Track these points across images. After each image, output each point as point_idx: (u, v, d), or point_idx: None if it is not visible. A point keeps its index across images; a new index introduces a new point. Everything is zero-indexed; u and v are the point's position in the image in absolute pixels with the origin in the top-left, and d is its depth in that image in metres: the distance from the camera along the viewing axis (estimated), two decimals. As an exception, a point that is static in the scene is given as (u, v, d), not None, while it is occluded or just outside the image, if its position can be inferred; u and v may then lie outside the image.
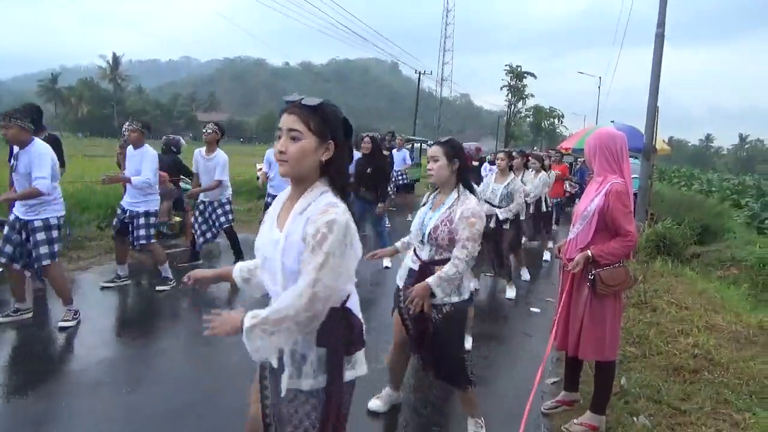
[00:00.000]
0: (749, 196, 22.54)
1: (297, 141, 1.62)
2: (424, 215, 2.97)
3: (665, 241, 8.53)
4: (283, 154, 1.63)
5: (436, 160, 2.91)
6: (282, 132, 1.64)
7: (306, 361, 1.68)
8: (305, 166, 1.65)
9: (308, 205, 1.64)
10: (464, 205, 2.82)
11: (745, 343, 4.66)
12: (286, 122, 1.63)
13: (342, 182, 1.71)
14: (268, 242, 1.70)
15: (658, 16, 9.14)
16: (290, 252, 1.61)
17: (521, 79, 62.05)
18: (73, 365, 3.80)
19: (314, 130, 1.63)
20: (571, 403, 3.45)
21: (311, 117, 1.63)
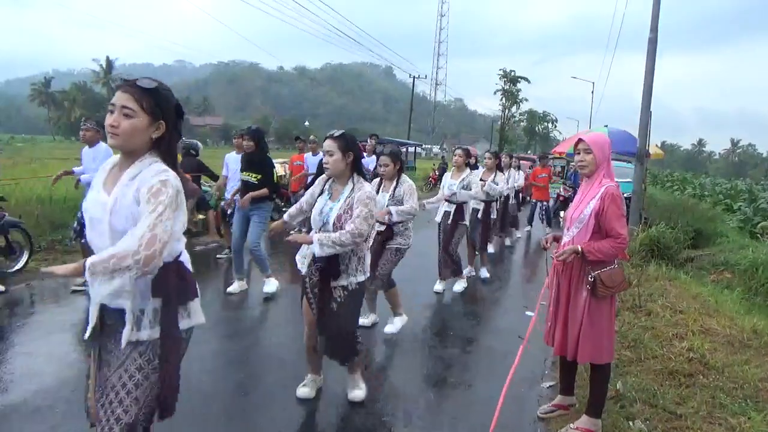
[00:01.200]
0: (741, 200, 22.67)
1: (129, 118, 1.77)
2: (323, 205, 3.13)
3: (659, 245, 8.57)
4: (115, 128, 1.76)
5: (331, 154, 3.06)
6: (115, 108, 1.77)
7: (144, 314, 1.85)
8: (135, 141, 1.80)
9: (138, 172, 1.80)
10: (360, 191, 3.07)
11: (739, 347, 4.68)
12: (120, 99, 1.77)
13: (171, 159, 1.88)
14: (95, 204, 1.83)
15: (651, 22, 9.21)
16: (120, 213, 1.76)
17: (515, 84, 62.30)
18: (66, 371, 3.75)
19: (147, 109, 1.79)
20: (567, 408, 3.44)
21: (145, 97, 1.78)
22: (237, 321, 4.98)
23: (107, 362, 1.89)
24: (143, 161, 1.82)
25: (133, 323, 1.83)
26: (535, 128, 67.56)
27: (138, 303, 1.83)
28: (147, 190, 1.72)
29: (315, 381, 3.48)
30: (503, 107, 63.34)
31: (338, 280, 3.11)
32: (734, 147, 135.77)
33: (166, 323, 1.86)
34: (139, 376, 1.84)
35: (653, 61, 9.32)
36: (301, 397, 3.39)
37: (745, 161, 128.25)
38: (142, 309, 1.85)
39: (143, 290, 1.83)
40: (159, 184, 1.73)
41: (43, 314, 4.87)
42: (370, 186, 3.20)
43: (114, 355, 1.87)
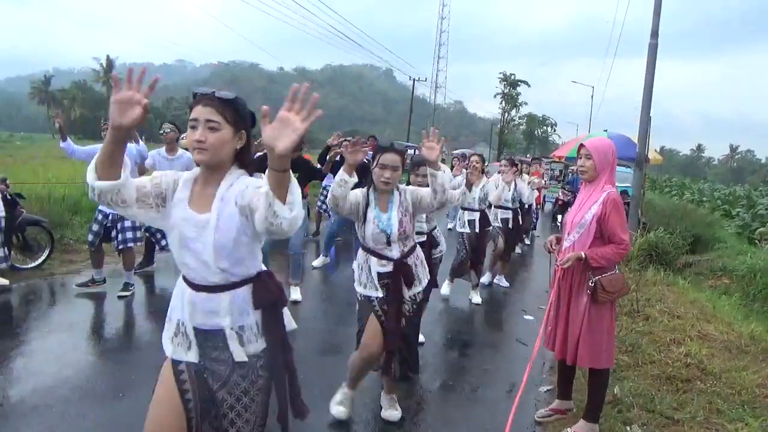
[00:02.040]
0: (740, 206, 22.73)
1: (215, 131, 1.71)
2: (379, 219, 2.98)
3: (657, 250, 8.59)
4: (202, 143, 1.70)
5: (396, 169, 2.95)
6: (198, 122, 1.71)
7: (244, 329, 1.80)
8: (223, 154, 1.75)
9: (231, 185, 1.75)
10: (408, 192, 3.04)
11: (737, 352, 4.69)
12: (203, 113, 1.71)
13: (252, 168, 1.85)
14: (185, 222, 1.75)
15: (652, 27, 9.22)
16: (226, 228, 1.71)
17: (515, 87, 62.47)
18: (64, 370, 3.75)
19: (230, 120, 1.74)
20: (565, 412, 3.45)
21: (227, 109, 1.73)
22: None
23: (201, 382, 1.82)
24: (231, 174, 1.79)
25: (237, 341, 1.79)
26: (534, 132, 67.70)
27: (236, 320, 1.79)
28: (254, 187, 1.65)
29: (350, 397, 3.29)
30: (503, 111, 63.52)
31: (412, 289, 3.04)
32: (733, 153, 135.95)
33: (274, 331, 1.83)
34: (246, 399, 1.82)
35: (653, 67, 9.34)
36: (337, 415, 3.20)
37: (743, 167, 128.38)
38: (242, 325, 1.80)
39: (240, 306, 1.79)
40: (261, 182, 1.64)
41: (44, 312, 4.86)
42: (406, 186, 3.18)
43: (210, 376, 1.82)
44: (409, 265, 3.01)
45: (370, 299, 3.03)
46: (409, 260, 3.04)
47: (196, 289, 1.78)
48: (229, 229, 1.72)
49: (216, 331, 1.79)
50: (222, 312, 1.76)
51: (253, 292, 1.79)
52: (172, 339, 1.85)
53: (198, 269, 1.75)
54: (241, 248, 1.75)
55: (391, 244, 2.97)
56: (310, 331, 4.70)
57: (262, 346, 1.82)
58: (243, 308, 1.79)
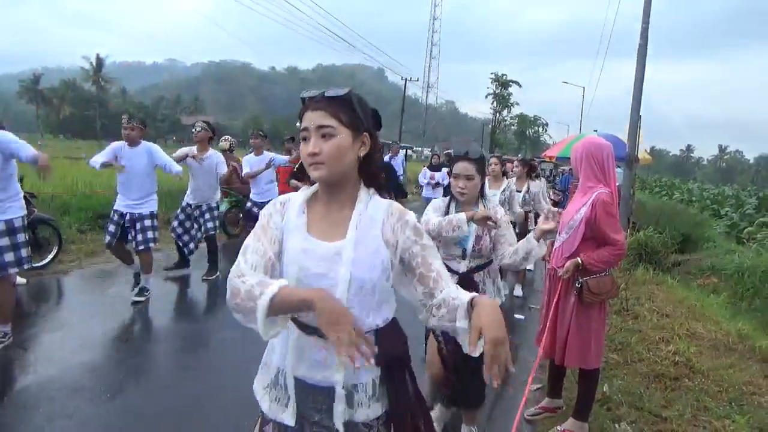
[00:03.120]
0: (728, 205, 22.95)
1: (331, 138, 1.38)
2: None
3: (647, 249, 8.66)
4: (317, 156, 1.38)
5: (470, 178, 2.73)
6: (309, 132, 1.40)
7: (357, 389, 1.45)
8: (345, 165, 1.42)
9: (365, 209, 1.46)
10: (498, 213, 2.73)
11: (724, 350, 4.74)
12: (313, 119, 1.39)
13: (380, 180, 1.52)
14: (308, 255, 1.42)
15: (641, 29, 9.28)
16: (363, 263, 1.40)
17: (506, 88, 62.61)
18: (53, 370, 3.72)
19: (347, 123, 1.40)
20: (554, 410, 3.46)
21: (341, 109, 1.40)
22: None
23: None
24: (360, 198, 1.47)
25: (345, 402, 1.43)
26: (525, 132, 67.89)
27: (351, 376, 1.42)
28: (414, 235, 1.45)
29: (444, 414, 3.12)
30: (494, 111, 63.66)
31: None
32: (722, 153, 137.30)
33: (397, 393, 1.46)
34: None
35: (643, 68, 9.40)
36: None
37: (732, 167, 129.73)
38: (355, 384, 1.44)
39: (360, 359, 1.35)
40: (411, 219, 1.47)
41: (35, 311, 4.82)
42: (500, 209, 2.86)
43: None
44: (474, 282, 2.76)
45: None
46: (477, 276, 2.80)
47: (308, 332, 1.42)
48: (371, 263, 1.41)
49: (323, 389, 1.44)
50: (335, 364, 1.40)
51: (379, 342, 1.40)
52: (268, 391, 1.51)
53: None
54: (383, 290, 1.45)
55: (464, 258, 2.78)
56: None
57: (376, 412, 1.46)
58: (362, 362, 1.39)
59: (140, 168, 4.96)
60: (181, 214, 5.96)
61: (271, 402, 1.49)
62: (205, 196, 5.91)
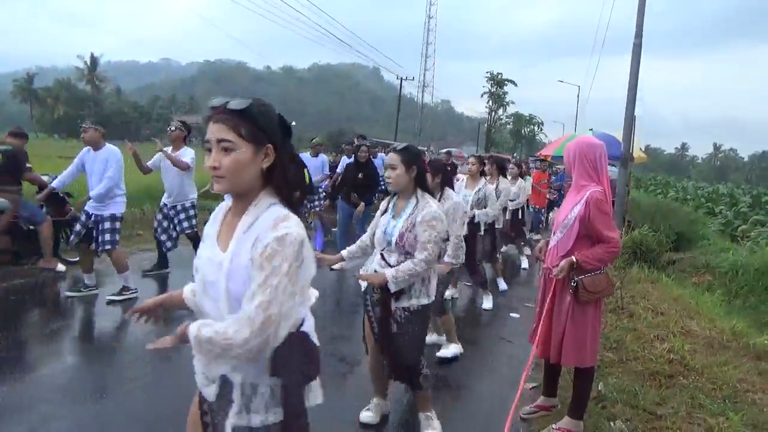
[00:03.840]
0: (723, 204, 23.05)
1: (230, 152, 1.41)
2: (387, 223, 2.95)
3: (642, 247, 8.69)
4: (217, 170, 1.42)
5: (394, 168, 2.89)
6: (211, 144, 1.44)
7: (257, 393, 1.48)
8: (244, 178, 1.45)
9: (255, 221, 1.45)
10: (425, 210, 2.84)
11: (718, 348, 4.76)
12: (214, 132, 1.43)
13: (288, 190, 1.51)
14: (208, 263, 1.50)
15: (636, 28, 9.31)
16: (237, 275, 1.41)
17: (502, 87, 62.78)
18: (46, 371, 3.71)
19: (247, 136, 1.42)
20: (550, 408, 3.47)
21: (241, 122, 1.42)
22: None
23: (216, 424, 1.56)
24: (258, 205, 1.47)
25: (242, 404, 1.47)
26: (521, 131, 68.07)
27: (251, 376, 1.47)
28: (261, 252, 1.37)
29: (380, 406, 3.26)
30: (490, 110, 63.80)
31: (399, 302, 2.89)
32: (716, 151, 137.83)
33: (291, 407, 1.49)
34: None
35: (638, 66, 9.43)
36: (363, 421, 3.18)
37: (727, 165, 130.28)
38: (255, 385, 1.48)
39: (258, 367, 1.47)
40: (275, 244, 1.37)
41: (23, 314, 4.80)
42: (437, 204, 2.96)
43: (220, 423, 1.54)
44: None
45: (365, 294, 3.04)
46: None
47: None
48: (242, 277, 1.41)
49: (230, 383, 1.50)
50: (233, 368, 1.47)
51: (273, 357, 1.44)
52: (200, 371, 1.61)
53: (217, 319, 1.44)
54: None
55: (392, 251, 2.90)
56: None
57: (272, 419, 1.49)
58: (258, 370, 1.47)
59: (100, 171, 5.03)
60: (159, 214, 6.03)
61: (201, 378, 1.56)
62: (179, 196, 5.88)
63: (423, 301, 2.93)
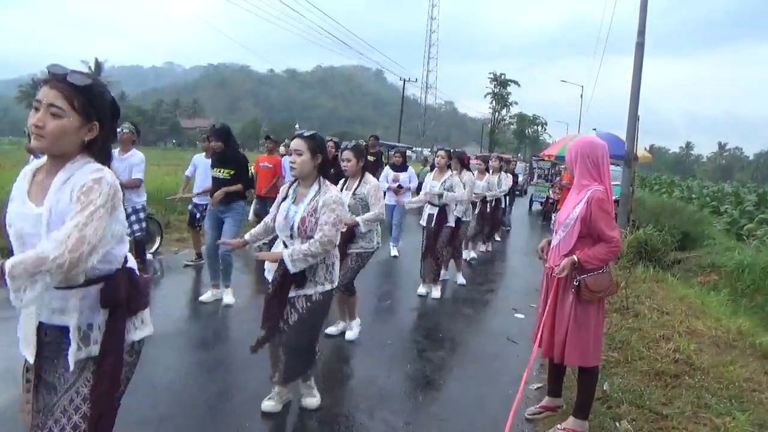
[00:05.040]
0: (728, 203, 22.97)
1: (58, 118, 1.56)
2: (288, 209, 3.01)
3: (647, 247, 8.66)
4: (40, 129, 1.55)
5: (300, 153, 2.95)
6: (41, 105, 1.56)
7: (92, 328, 1.69)
8: (64, 144, 1.60)
9: (71, 175, 1.61)
10: (326, 195, 2.95)
11: (725, 347, 4.74)
12: (48, 96, 1.56)
13: (106, 161, 1.70)
14: (23, 217, 1.62)
15: (639, 26, 9.29)
16: (57, 224, 1.55)
17: (505, 87, 62.74)
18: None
19: (78, 109, 1.59)
20: (555, 409, 3.47)
21: (77, 96, 1.58)
22: (207, 330, 4.73)
23: (50, 384, 1.73)
24: (75, 163, 1.63)
25: (79, 340, 1.67)
26: (525, 131, 68.01)
27: (86, 317, 1.68)
28: (78, 188, 1.55)
29: (281, 394, 3.27)
30: (493, 110, 63.75)
31: (303, 289, 2.97)
32: (721, 150, 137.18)
33: (111, 336, 1.70)
34: (86, 408, 1.69)
35: (641, 66, 9.41)
36: (266, 410, 3.19)
37: (732, 164, 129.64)
38: (90, 323, 1.69)
39: (92, 303, 1.68)
40: (91, 182, 1.56)
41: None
42: (336, 189, 3.10)
43: (60, 376, 1.71)
44: None
45: (267, 283, 3.09)
46: None
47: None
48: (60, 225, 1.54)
49: (62, 328, 1.68)
50: (69, 310, 1.65)
51: (102, 290, 1.68)
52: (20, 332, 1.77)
53: None
54: None
55: (293, 238, 2.97)
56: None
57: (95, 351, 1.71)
58: (94, 306, 1.69)
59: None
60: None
61: (24, 346, 1.74)
62: (129, 201, 5.85)
63: (327, 287, 3.05)
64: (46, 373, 1.74)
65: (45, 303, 1.65)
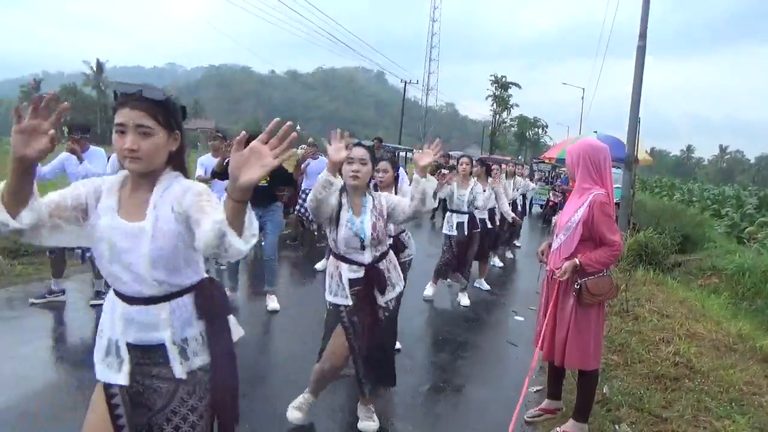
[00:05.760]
0: (729, 206, 22.95)
1: (149, 137, 1.56)
2: (353, 223, 2.87)
3: (647, 250, 8.65)
4: (135, 152, 1.54)
5: (364, 163, 2.90)
6: (127, 128, 1.55)
7: (187, 342, 1.67)
8: (158, 160, 1.61)
9: (166, 190, 1.63)
10: (383, 197, 2.99)
11: (725, 351, 4.73)
12: (133, 117, 1.55)
13: (185, 169, 1.73)
14: (118, 232, 1.59)
15: (640, 29, 9.30)
16: (162, 237, 1.58)
17: (506, 89, 62.72)
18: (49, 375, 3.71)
19: (163, 123, 1.60)
20: (554, 411, 3.47)
21: (159, 111, 1.59)
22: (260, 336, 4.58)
23: (140, 405, 1.70)
24: (165, 178, 1.65)
25: (179, 355, 1.65)
26: (525, 134, 67.97)
27: (179, 331, 1.66)
28: (194, 195, 1.57)
29: (309, 403, 3.15)
30: (494, 113, 63.75)
31: (385, 295, 2.97)
32: (722, 153, 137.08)
33: (219, 342, 1.71)
34: (194, 417, 1.69)
35: (642, 68, 9.42)
36: (293, 421, 3.07)
37: (733, 167, 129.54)
38: (185, 337, 1.67)
39: (183, 316, 1.66)
40: (202, 189, 1.60)
41: (29, 318, 4.82)
42: (382, 193, 3.11)
43: (151, 395, 1.69)
44: (380, 270, 2.94)
45: (338, 308, 2.94)
46: (381, 265, 2.97)
47: (130, 302, 1.63)
48: (166, 237, 1.58)
49: (156, 346, 1.65)
50: (162, 325, 1.63)
51: (195, 301, 1.68)
52: (103, 359, 1.69)
53: (131, 282, 1.61)
54: (179, 257, 1.62)
55: (365, 248, 2.89)
56: (287, 340, 4.68)
57: (209, 358, 1.71)
58: (186, 319, 1.67)
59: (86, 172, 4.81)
60: None
61: (105, 369, 1.68)
62: None
63: (400, 288, 3.09)
64: (137, 395, 1.70)
65: (132, 320, 1.63)
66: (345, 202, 2.92)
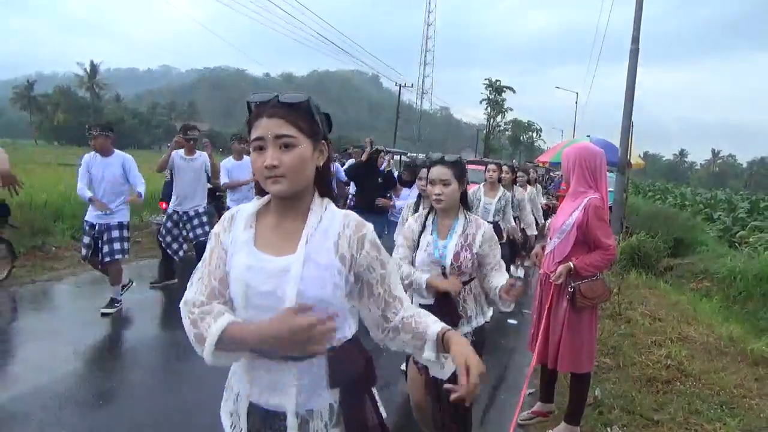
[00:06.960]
0: (721, 210, 23.05)
1: (292, 148, 1.25)
2: (435, 245, 2.58)
3: (640, 253, 8.70)
4: (277, 169, 1.24)
5: (447, 184, 2.51)
6: (266, 141, 1.25)
7: (313, 416, 1.32)
8: (304, 177, 1.30)
9: (320, 220, 1.33)
10: (482, 228, 2.57)
11: (716, 354, 4.76)
12: (270, 128, 1.24)
13: (329, 188, 1.41)
14: (253, 272, 1.29)
15: (633, 33, 9.37)
16: (317, 278, 1.27)
17: (500, 93, 63.00)
18: (44, 378, 3.70)
19: (306, 131, 1.28)
20: (547, 414, 3.48)
21: (299, 116, 1.27)
22: None
23: None
24: (314, 209, 1.34)
25: (298, 430, 1.31)
26: (519, 137, 68.27)
27: (304, 399, 1.31)
28: (370, 244, 1.33)
29: None
30: (488, 116, 64.00)
31: (458, 329, 2.46)
32: (715, 157, 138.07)
33: (356, 419, 1.34)
34: None
35: (635, 72, 9.49)
36: None
37: (725, 171, 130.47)
38: (311, 409, 1.32)
39: (314, 382, 1.31)
40: (369, 233, 1.35)
41: (25, 320, 4.81)
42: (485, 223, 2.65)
43: None
44: (451, 299, 2.50)
45: None
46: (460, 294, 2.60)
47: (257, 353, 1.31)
48: (322, 279, 1.28)
49: (277, 414, 1.32)
50: (286, 387, 1.30)
51: (330, 363, 1.30)
52: (230, 414, 1.40)
53: None
54: (338, 308, 1.32)
55: (447, 274, 2.53)
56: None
57: None
58: (315, 385, 1.31)
59: (110, 178, 4.90)
60: (168, 222, 5.76)
61: (230, 429, 1.40)
62: (192, 201, 5.71)
63: (480, 321, 2.65)
64: None
65: (258, 377, 1.33)
66: (429, 224, 2.66)
